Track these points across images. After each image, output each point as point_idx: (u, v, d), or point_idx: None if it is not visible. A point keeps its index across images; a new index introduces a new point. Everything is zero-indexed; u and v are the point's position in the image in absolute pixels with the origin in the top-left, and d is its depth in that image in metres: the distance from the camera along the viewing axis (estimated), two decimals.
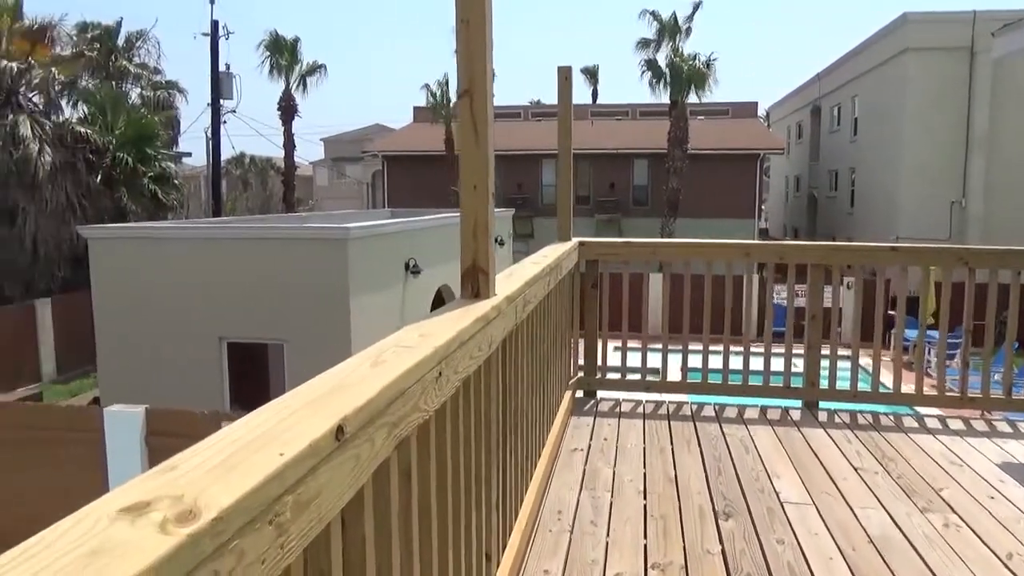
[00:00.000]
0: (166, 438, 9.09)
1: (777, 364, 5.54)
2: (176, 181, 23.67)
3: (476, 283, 2.64)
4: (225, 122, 28.03)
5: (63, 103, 22.35)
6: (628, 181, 33.52)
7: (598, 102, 44.06)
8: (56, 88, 21.28)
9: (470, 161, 2.55)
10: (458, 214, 2.67)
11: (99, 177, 20.42)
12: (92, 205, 19.79)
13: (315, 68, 33.91)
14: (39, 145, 18.71)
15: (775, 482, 4.10)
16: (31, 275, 18.92)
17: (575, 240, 5.58)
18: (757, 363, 5.57)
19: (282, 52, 32.83)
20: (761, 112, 43.23)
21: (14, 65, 18.99)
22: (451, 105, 33.83)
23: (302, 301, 12.35)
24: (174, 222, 19.74)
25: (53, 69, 20.36)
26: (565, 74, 5.35)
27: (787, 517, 3.65)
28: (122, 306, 13.00)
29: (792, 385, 5.57)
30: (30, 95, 20.09)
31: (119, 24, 28.63)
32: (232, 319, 12.71)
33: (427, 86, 34.35)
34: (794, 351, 5.58)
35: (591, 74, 48.08)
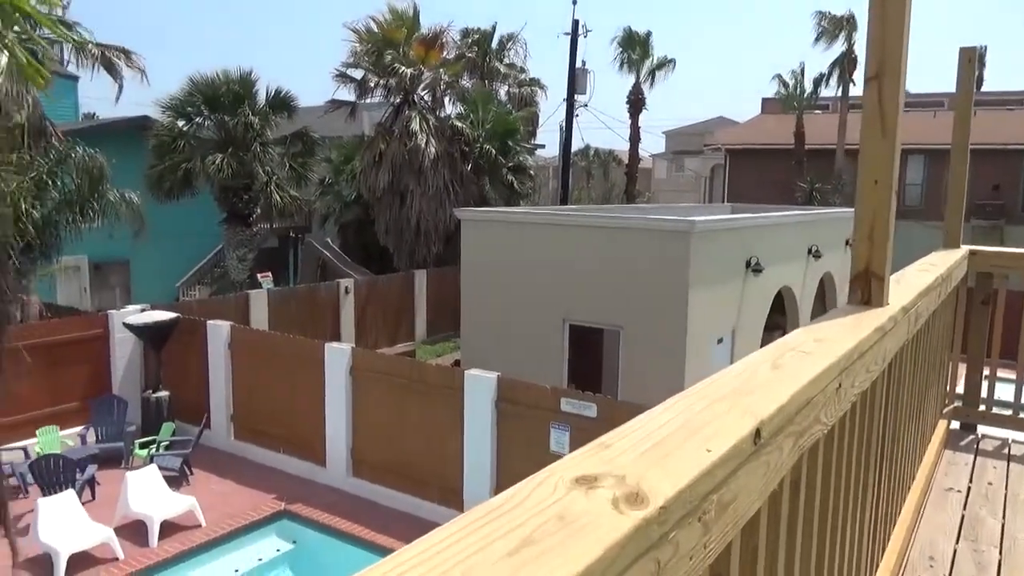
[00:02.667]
0: (512, 405, 9.96)
1: None
2: (530, 172, 25.72)
3: (868, 289, 2.40)
4: (577, 116, 29.62)
5: (445, 101, 25.53)
6: (1017, 182, 28.37)
7: (983, 89, 37.81)
8: (441, 88, 24.39)
9: (873, 154, 2.32)
10: (805, 211, 2.44)
11: (469, 166, 23.02)
12: (463, 190, 22.40)
13: (665, 62, 34.19)
14: (426, 138, 21.64)
15: None
16: (413, 248, 22.08)
17: (964, 248, 4.84)
18: None
19: (634, 47, 33.65)
20: None
21: (410, 70, 22.17)
22: (805, 96, 31.70)
23: (641, 289, 12.59)
24: (529, 208, 21.50)
25: (441, 71, 23.36)
26: (968, 56, 4.65)
27: None
28: (483, 281, 14.51)
29: None
30: (422, 94, 23.29)
31: (494, 28, 31.80)
32: (575, 302, 13.43)
33: (779, 76, 32.62)
34: None
35: (976, 57, 41.37)
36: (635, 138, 34.47)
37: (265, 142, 21.09)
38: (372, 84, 22.67)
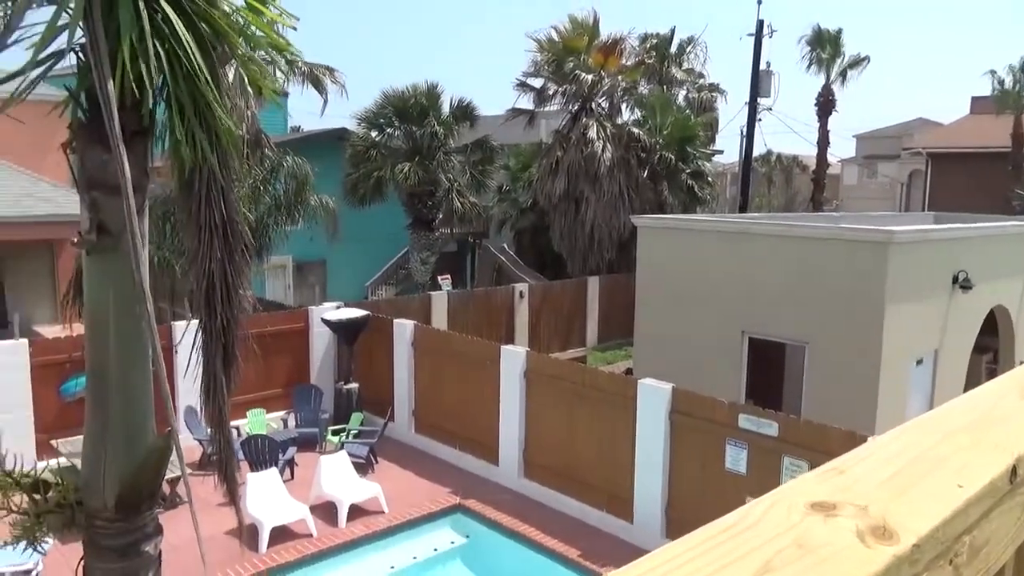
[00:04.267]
0: (687, 417, 9.71)
1: None
2: (709, 178, 25.01)
3: None
4: (760, 120, 28.39)
5: (623, 107, 25.44)
6: None
7: None
8: (618, 94, 24.34)
9: None
10: None
11: (646, 172, 22.78)
12: (638, 197, 22.21)
13: (858, 61, 31.95)
14: (602, 144, 21.70)
15: None
16: (586, 255, 22.20)
17: None
18: None
19: (824, 45, 31.71)
20: None
21: (590, 76, 22.32)
22: None
23: (830, 304, 11.83)
24: (708, 215, 20.90)
25: (619, 77, 23.33)
26: None
27: None
28: (658, 289, 14.28)
29: None
30: (599, 101, 23.37)
31: (672, 32, 31.21)
32: (756, 314, 12.87)
33: (993, 72, 29.37)
34: None
35: None
36: (823, 142, 32.45)
37: (448, 151, 22.11)
38: (551, 92, 23.08)
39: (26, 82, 3.62)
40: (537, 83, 23.49)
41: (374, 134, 22.11)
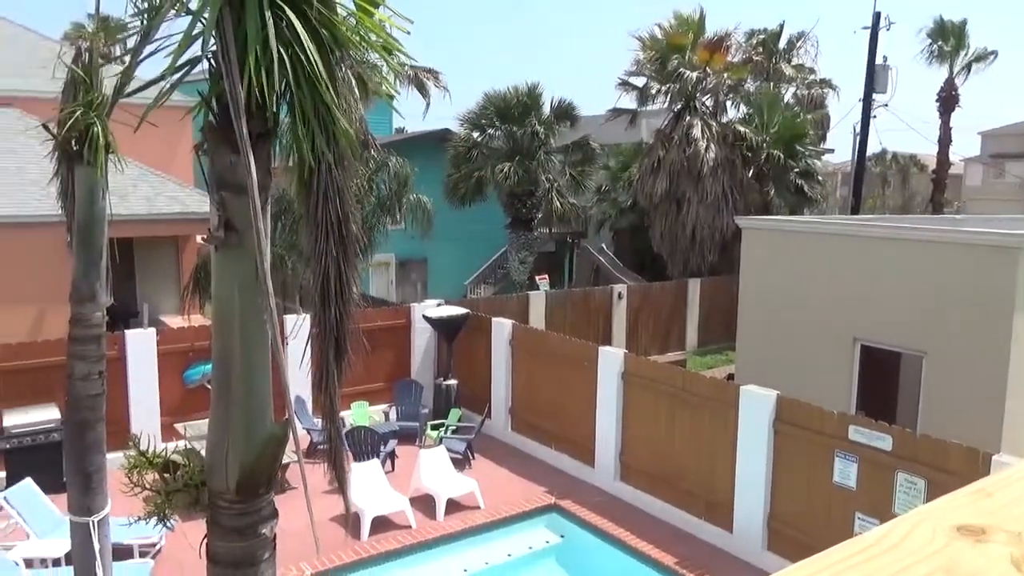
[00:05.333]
0: (792, 427, 9.37)
1: None
2: (819, 177, 24.03)
3: None
4: (875, 116, 27.06)
5: (728, 105, 24.78)
6: None
7: None
8: (723, 92, 23.73)
9: None
10: None
11: (751, 172, 22.12)
12: (743, 197, 21.60)
13: (984, 55, 29.96)
14: (706, 143, 21.22)
15: None
16: (687, 256, 21.78)
17: None
18: None
19: (946, 38, 29.90)
20: None
21: (695, 74, 21.87)
22: None
23: (952, 312, 11.14)
24: (818, 217, 20.09)
25: (724, 74, 22.75)
26: None
27: None
28: (763, 293, 13.84)
29: None
30: (703, 100, 22.86)
31: (781, 27, 30.16)
32: (868, 321, 12.28)
33: None
34: None
35: None
36: (945, 140, 30.60)
37: (549, 151, 22.18)
38: (653, 91, 22.76)
39: (166, 86, 3.90)
40: (639, 82, 23.22)
41: (476, 135, 22.46)
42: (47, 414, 10.68)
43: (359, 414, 13.14)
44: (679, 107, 22.39)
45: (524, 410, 13.33)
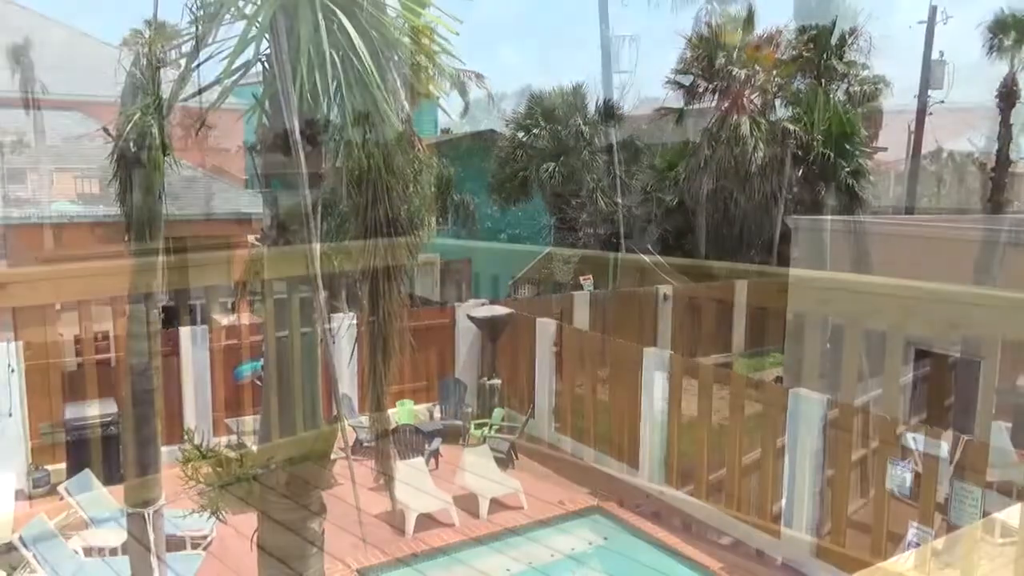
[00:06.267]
0: (844, 432, 9.16)
1: None
2: (871, 176, 23.44)
3: None
4: (930, 114, 26.32)
5: (776, 103, 24.31)
6: None
7: None
8: (772, 90, 23.29)
9: None
10: None
11: (800, 171, 21.68)
12: (792, 196, 21.19)
13: None
14: (754, 142, 20.86)
15: None
16: (733, 256, 21.45)
17: None
18: None
19: (1007, 31, 28.84)
20: None
21: (743, 72, 21.52)
22: None
23: (1011, 316, 10.76)
24: (870, 216, 19.63)
25: (773, 72, 22.34)
26: None
27: None
28: (812, 294, 13.56)
29: None
30: (752, 98, 22.48)
31: (833, 23, 29.45)
32: (922, 324, 11.93)
33: None
34: None
35: None
36: (1006, 136, 29.50)
37: (593, 150, 22.07)
38: (701, 89, 22.47)
39: (222, 88, 4.00)
40: (686, 80, 22.95)
41: (521, 135, 22.47)
42: (106, 408, 11.04)
43: (404, 412, 13.26)
44: (727, 105, 22.07)
45: (567, 411, 13.28)
